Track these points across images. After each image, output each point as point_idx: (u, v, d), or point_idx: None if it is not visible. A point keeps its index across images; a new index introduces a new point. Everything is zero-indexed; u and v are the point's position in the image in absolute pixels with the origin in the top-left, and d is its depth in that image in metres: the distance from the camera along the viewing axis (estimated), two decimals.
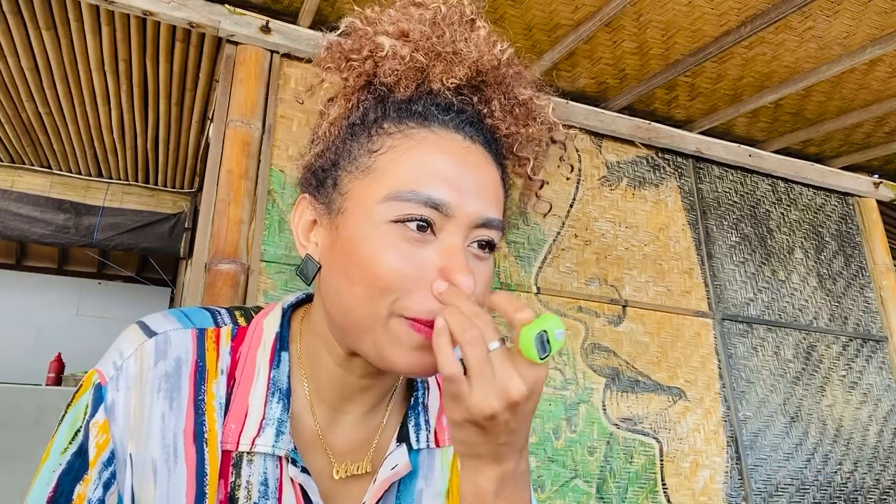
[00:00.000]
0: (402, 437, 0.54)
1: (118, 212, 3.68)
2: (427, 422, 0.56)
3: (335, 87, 0.52)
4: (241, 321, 0.54)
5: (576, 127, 2.13)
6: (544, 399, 1.90)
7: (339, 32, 0.51)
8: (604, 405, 1.98)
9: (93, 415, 0.47)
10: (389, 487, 0.52)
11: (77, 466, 0.46)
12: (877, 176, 2.93)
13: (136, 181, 3.74)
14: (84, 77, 2.44)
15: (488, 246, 0.48)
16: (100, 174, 3.66)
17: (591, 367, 2.01)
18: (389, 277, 0.43)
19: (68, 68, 2.38)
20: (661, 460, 2.00)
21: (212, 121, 2.07)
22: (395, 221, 0.44)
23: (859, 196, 2.90)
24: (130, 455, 0.46)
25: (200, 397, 0.49)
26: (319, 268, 0.49)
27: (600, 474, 1.89)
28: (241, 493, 0.48)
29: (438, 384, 0.59)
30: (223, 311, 0.54)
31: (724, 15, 1.84)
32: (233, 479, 0.48)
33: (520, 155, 0.52)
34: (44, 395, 3.30)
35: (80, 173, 3.64)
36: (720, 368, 2.22)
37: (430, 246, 0.44)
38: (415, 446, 0.54)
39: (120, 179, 3.72)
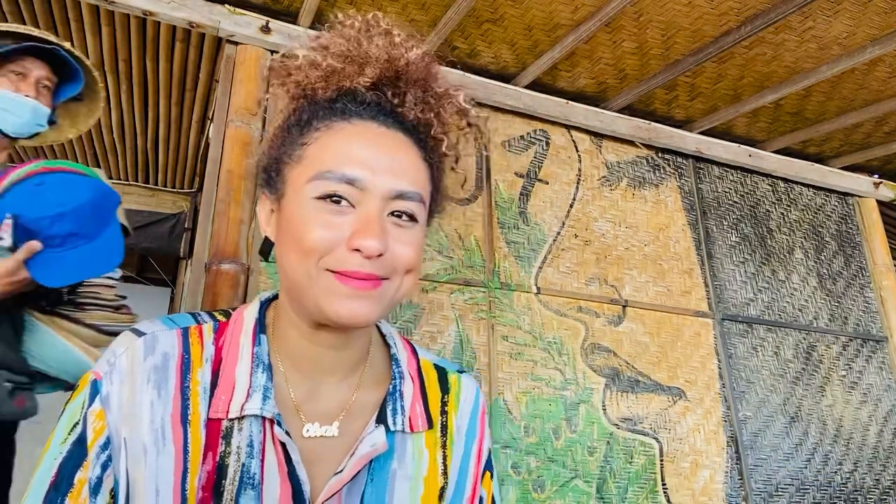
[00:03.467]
0: (381, 420, 0.60)
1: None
2: (402, 408, 0.62)
3: (283, 101, 0.63)
4: (221, 318, 0.62)
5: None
6: (544, 399, 1.91)
7: (281, 54, 0.62)
8: (604, 405, 1.98)
9: (90, 405, 0.53)
10: (364, 465, 0.58)
11: (77, 454, 0.52)
12: (877, 176, 2.93)
13: (136, 181, 3.74)
14: None
15: (407, 215, 0.56)
16: None
17: (591, 368, 2.01)
18: (313, 242, 0.52)
19: None
20: (661, 460, 2.00)
21: (212, 121, 2.07)
22: (318, 198, 0.53)
23: (859, 196, 2.90)
24: (124, 440, 0.52)
25: (186, 384, 0.55)
26: (272, 245, 0.59)
27: (600, 474, 1.89)
28: (231, 460, 0.54)
29: (411, 375, 0.65)
30: (203, 313, 0.62)
31: (724, 15, 1.84)
32: (223, 449, 0.54)
33: (436, 137, 0.61)
34: (44, 395, 3.30)
35: None
36: (720, 368, 2.22)
37: (349, 216, 0.53)
38: (392, 428, 0.60)
39: (120, 179, 3.72)
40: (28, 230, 1.12)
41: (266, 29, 1.84)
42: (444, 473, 0.62)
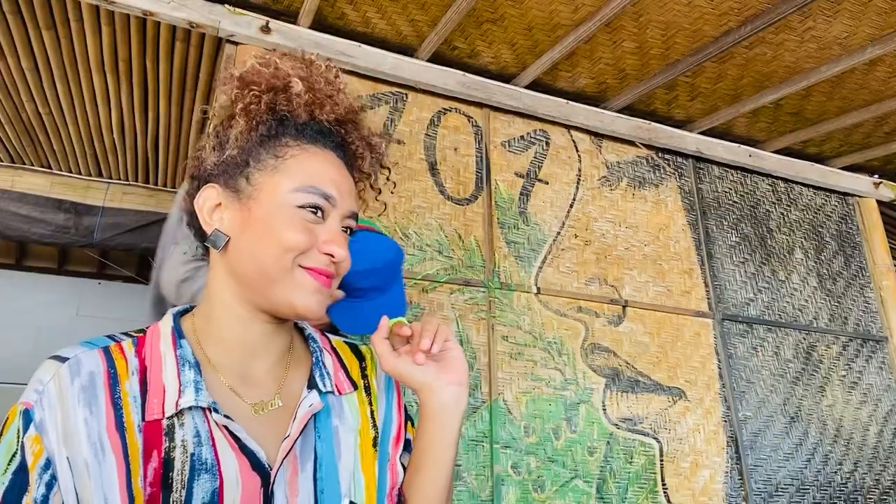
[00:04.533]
0: (312, 386, 0.69)
1: (118, 212, 3.68)
2: (328, 373, 0.71)
3: (225, 108, 0.69)
4: (137, 334, 0.67)
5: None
6: (544, 399, 1.90)
7: (244, 70, 0.68)
8: (604, 405, 1.98)
9: (24, 432, 0.55)
10: (307, 426, 0.66)
11: (19, 482, 0.53)
12: (877, 176, 2.92)
13: (136, 181, 3.74)
14: (84, 77, 2.44)
15: (350, 230, 0.69)
16: (100, 174, 3.66)
17: (591, 368, 2.01)
18: (294, 242, 0.62)
19: (68, 68, 2.38)
20: (661, 460, 2.00)
21: (212, 121, 2.07)
22: (300, 206, 0.63)
23: (859, 196, 2.90)
24: (68, 459, 0.55)
25: (117, 396, 0.59)
26: (228, 239, 0.65)
27: (600, 474, 1.89)
28: (177, 453, 0.58)
29: (327, 350, 0.76)
30: (119, 334, 0.67)
31: (724, 15, 1.84)
32: (166, 445, 0.58)
33: (364, 171, 0.74)
34: None
35: (80, 173, 3.63)
36: (720, 368, 2.22)
37: (321, 226, 0.65)
38: (323, 390, 0.69)
39: (120, 179, 3.72)
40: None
41: (266, 29, 1.84)
42: (374, 426, 0.72)
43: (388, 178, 0.79)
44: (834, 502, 2.23)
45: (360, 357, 0.78)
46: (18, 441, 0.55)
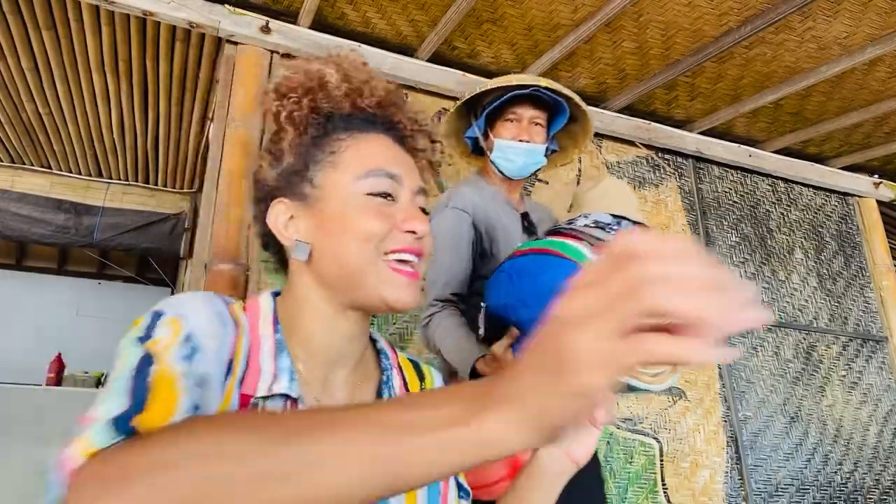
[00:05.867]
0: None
1: (118, 212, 3.68)
2: (395, 395, 0.69)
3: (270, 123, 0.68)
4: (238, 300, 0.66)
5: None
6: None
7: (277, 82, 0.68)
8: None
9: (163, 317, 0.53)
10: None
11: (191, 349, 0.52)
12: (877, 176, 2.92)
13: (136, 181, 3.74)
14: (84, 77, 2.44)
15: (423, 210, 0.67)
16: (100, 174, 3.66)
17: None
18: (375, 228, 0.61)
19: (68, 68, 2.38)
20: (661, 460, 2.00)
21: (212, 121, 2.07)
22: (370, 194, 0.62)
23: (859, 196, 2.90)
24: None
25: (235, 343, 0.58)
26: (311, 247, 0.64)
27: None
28: None
29: (396, 367, 0.73)
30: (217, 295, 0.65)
31: (724, 15, 1.84)
32: None
33: (418, 147, 0.72)
34: (44, 395, 3.30)
35: (80, 173, 3.64)
36: (720, 368, 2.22)
37: (394, 206, 0.63)
38: None
39: (120, 179, 3.72)
40: (494, 317, 1.12)
41: (266, 29, 1.84)
42: None
43: (442, 152, 0.77)
44: (834, 502, 2.23)
45: (421, 377, 0.76)
46: (159, 323, 0.52)
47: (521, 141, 1.34)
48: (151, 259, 5.07)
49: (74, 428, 0.42)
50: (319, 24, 1.92)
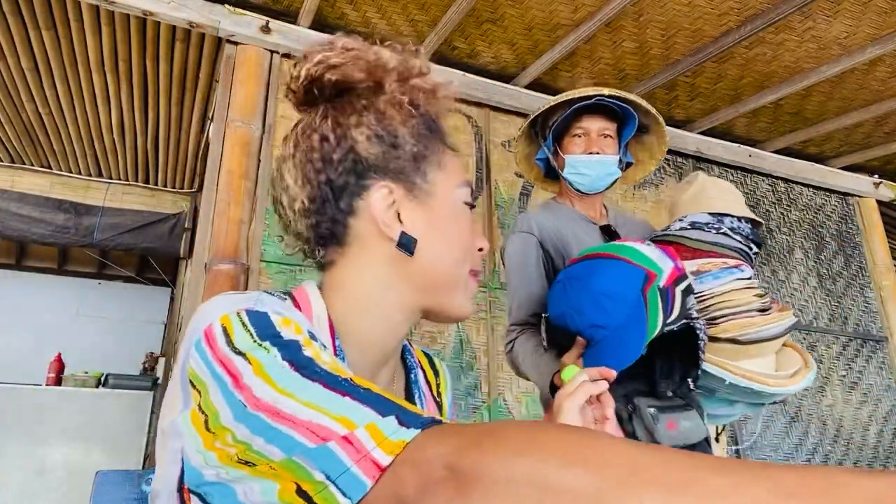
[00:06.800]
0: (409, 401, 0.66)
1: (118, 212, 3.68)
2: (423, 394, 0.69)
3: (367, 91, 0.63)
4: (286, 296, 0.61)
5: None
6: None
7: (396, 69, 0.62)
8: None
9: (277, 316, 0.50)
10: None
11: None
12: (877, 176, 2.93)
13: (136, 181, 3.74)
14: (84, 77, 2.44)
15: None
16: (100, 174, 3.67)
17: None
18: (471, 243, 0.61)
19: (68, 68, 2.38)
20: None
21: (212, 121, 2.07)
22: (466, 203, 0.61)
23: (859, 196, 2.90)
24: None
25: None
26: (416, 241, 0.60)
27: None
28: None
29: (417, 364, 0.73)
30: (267, 293, 0.60)
31: (724, 15, 1.84)
32: None
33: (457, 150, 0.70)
34: (44, 395, 3.30)
35: (80, 173, 3.64)
36: None
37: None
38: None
39: (120, 179, 3.72)
40: (557, 327, 1.09)
41: (266, 29, 1.84)
42: None
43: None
44: None
45: (436, 372, 0.76)
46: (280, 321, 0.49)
47: (590, 153, 1.28)
48: (151, 259, 5.07)
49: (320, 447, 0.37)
50: (319, 24, 1.92)
